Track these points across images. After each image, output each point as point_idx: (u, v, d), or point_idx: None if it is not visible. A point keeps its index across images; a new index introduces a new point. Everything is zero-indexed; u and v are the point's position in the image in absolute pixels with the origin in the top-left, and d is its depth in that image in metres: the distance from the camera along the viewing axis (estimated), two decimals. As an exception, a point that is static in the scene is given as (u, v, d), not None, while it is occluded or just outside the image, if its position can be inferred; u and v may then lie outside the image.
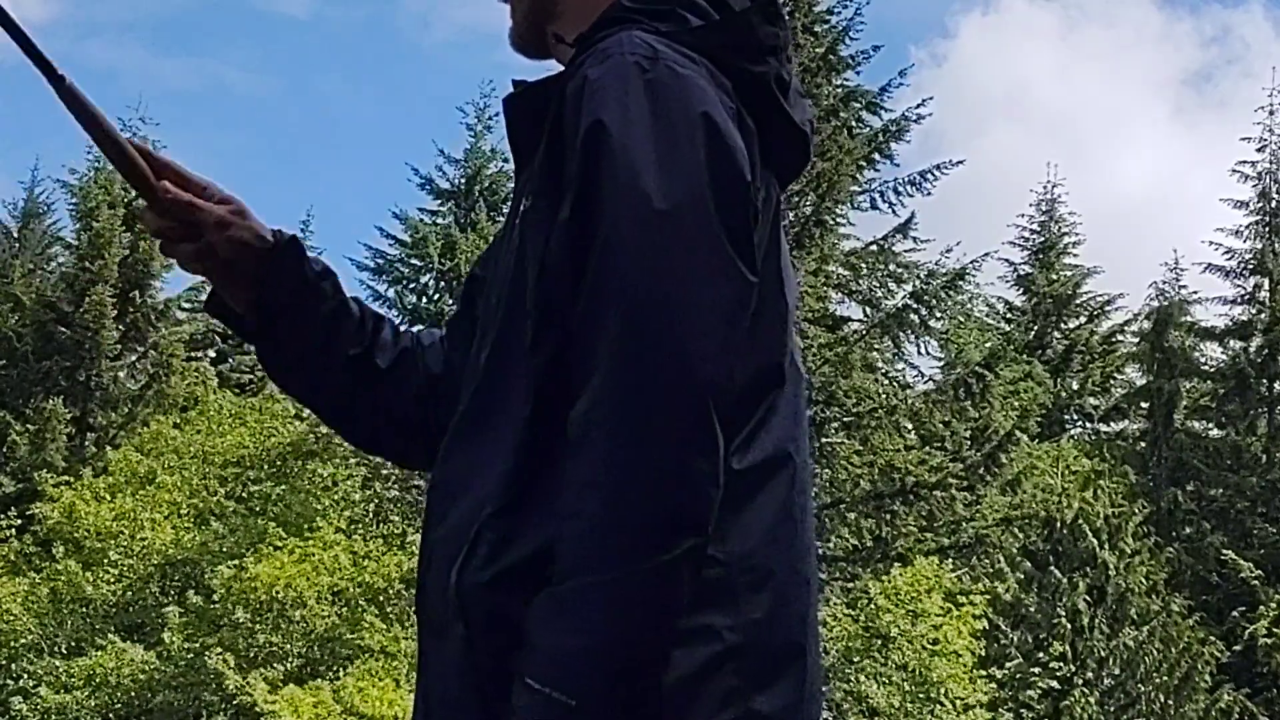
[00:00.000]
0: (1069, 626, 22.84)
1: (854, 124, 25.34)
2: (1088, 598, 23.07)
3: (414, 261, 29.70)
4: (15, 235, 32.39)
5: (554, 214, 1.89)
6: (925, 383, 27.42)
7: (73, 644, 20.57)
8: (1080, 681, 22.51)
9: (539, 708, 1.75)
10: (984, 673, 21.11)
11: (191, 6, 59.66)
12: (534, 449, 1.87)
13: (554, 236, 1.88)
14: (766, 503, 1.94)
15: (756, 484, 1.92)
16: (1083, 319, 37.51)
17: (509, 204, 2.06)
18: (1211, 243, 33.26)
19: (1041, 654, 22.72)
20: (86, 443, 26.09)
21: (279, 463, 22.43)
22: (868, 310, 25.85)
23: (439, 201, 30.62)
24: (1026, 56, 65.27)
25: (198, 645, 19.38)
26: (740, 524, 1.89)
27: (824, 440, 22.92)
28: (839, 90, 25.66)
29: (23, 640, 20.52)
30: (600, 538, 1.76)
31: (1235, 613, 28.16)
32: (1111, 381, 36.89)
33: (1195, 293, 34.34)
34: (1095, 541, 23.41)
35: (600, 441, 1.77)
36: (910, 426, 24.37)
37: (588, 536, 1.76)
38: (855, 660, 20.37)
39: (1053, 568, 23.42)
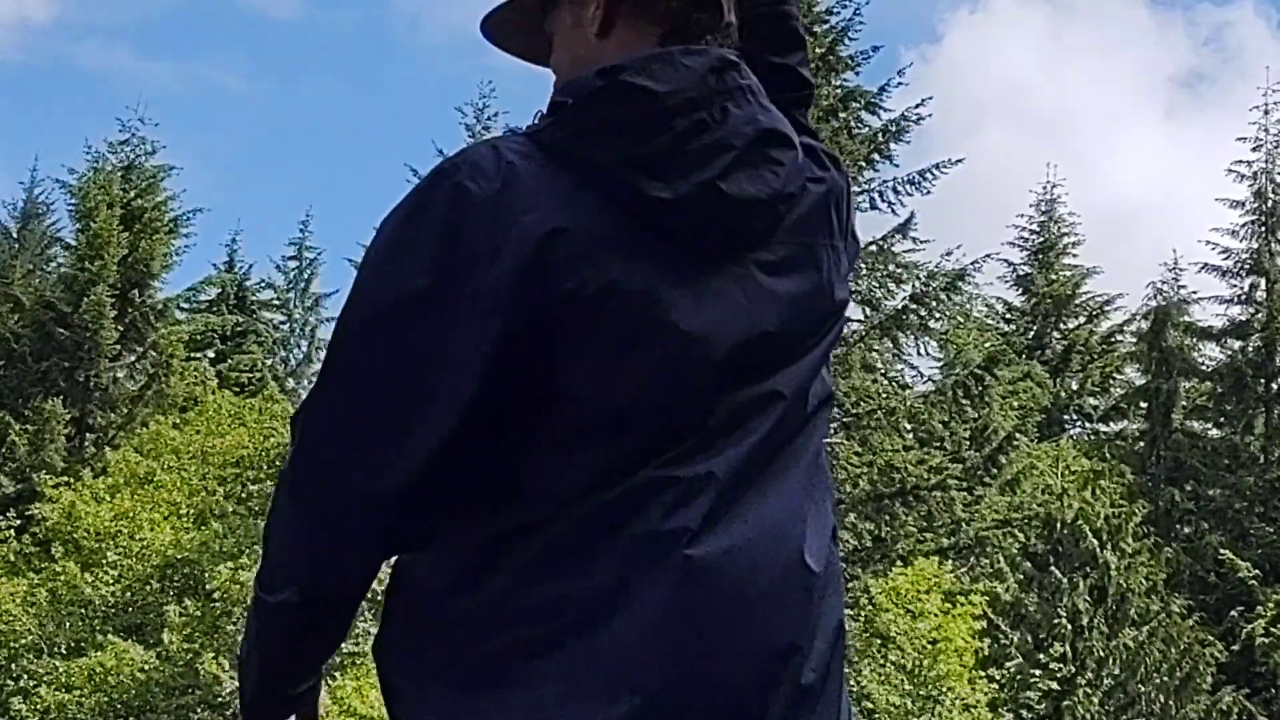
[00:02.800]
0: (1069, 627, 22.84)
1: (853, 124, 25.36)
2: (1088, 598, 23.08)
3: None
4: (14, 236, 32.38)
5: None
6: (924, 383, 27.44)
7: (72, 644, 20.57)
8: (1082, 682, 22.52)
9: None
10: (984, 673, 21.11)
11: (179, 10, 59.70)
12: None
13: None
14: (616, 544, 2.06)
15: (600, 528, 2.06)
16: (1082, 319, 37.54)
17: None
18: (1208, 243, 33.33)
19: (1042, 655, 22.72)
20: (86, 443, 26.07)
21: (278, 463, 22.42)
22: (867, 311, 25.86)
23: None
24: (1017, 57, 65.30)
25: (196, 646, 19.38)
26: (574, 569, 2.05)
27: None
28: (838, 90, 25.67)
29: (22, 640, 20.51)
30: (258, 570, 2.17)
31: (1234, 612, 28.18)
32: (1110, 381, 36.91)
33: (1194, 293, 34.41)
34: (1095, 542, 23.41)
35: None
36: (910, 427, 24.38)
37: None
38: (855, 661, 20.37)
39: (1053, 568, 23.43)
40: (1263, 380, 32.22)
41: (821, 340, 2.26)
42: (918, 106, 25.03)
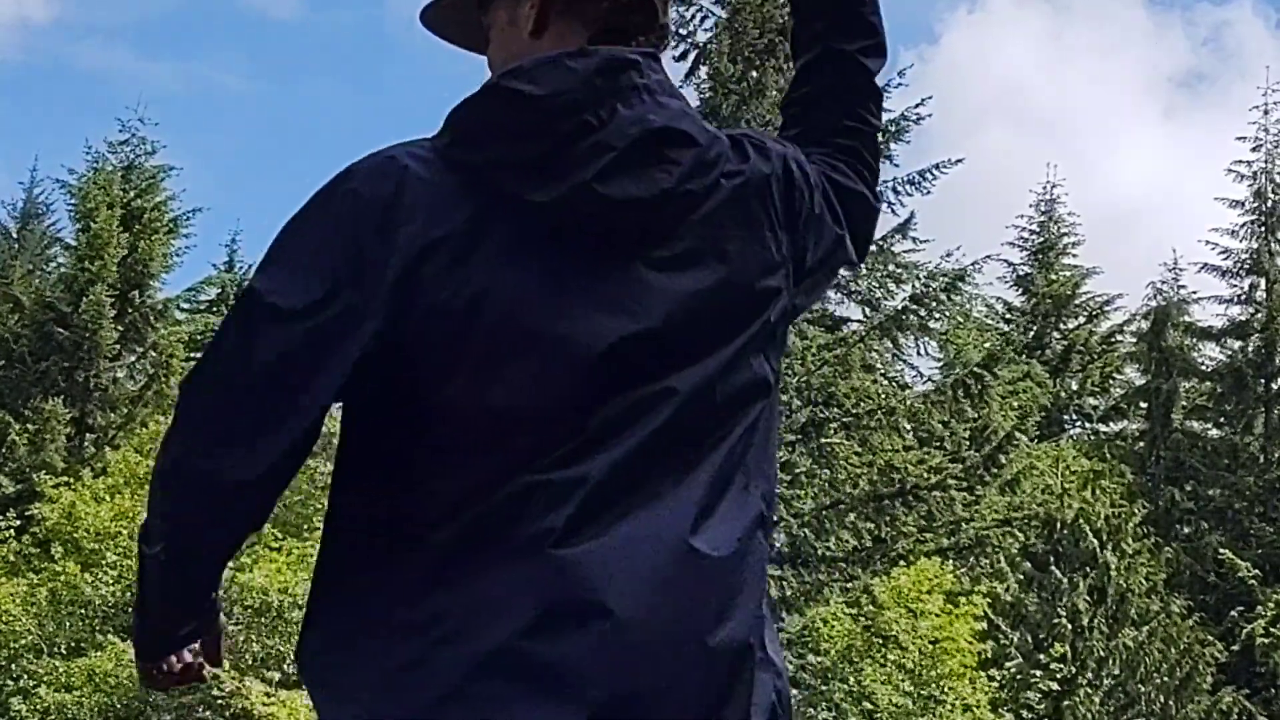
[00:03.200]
0: (1069, 627, 22.84)
1: (853, 124, 25.29)
2: (1088, 598, 23.08)
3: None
4: (14, 236, 32.36)
5: None
6: (924, 383, 27.43)
7: (72, 645, 20.57)
8: (1083, 682, 22.52)
9: None
10: (984, 673, 21.11)
11: (178, 10, 59.71)
12: None
13: None
14: (499, 550, 2.10)
15: (485, 535, 2.11)
16: (1081, 319, 37.49)
17: None
18: (1208, 242, 33.33)
19: (1042, 655, 22.72)
20: (85, 443, 26.07)
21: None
22: (867, 311, 25.85)
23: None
24: (1016, 57, 65.27)
25: (197, 646, 19.36)
26: (462, 576, 2.11)
27: (823, 441, 22.91)
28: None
29: (22, 641, 20.51)
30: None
31: (1233, 613, 28.18)
32: (1110, 382, 36.87)
33: (1194, 293, 34.41)
34: (1095, 542, 23.41)
35: None
36: (909, 427, 24.37)
37: None
38: (855, 661, 20.36)
39: (1053, 568, 23.42)
40: (1262, 380, 32.22)
41: (741, 331, 2.24)
42: (917, 106, 25.03)
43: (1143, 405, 34.15)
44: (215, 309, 33.55)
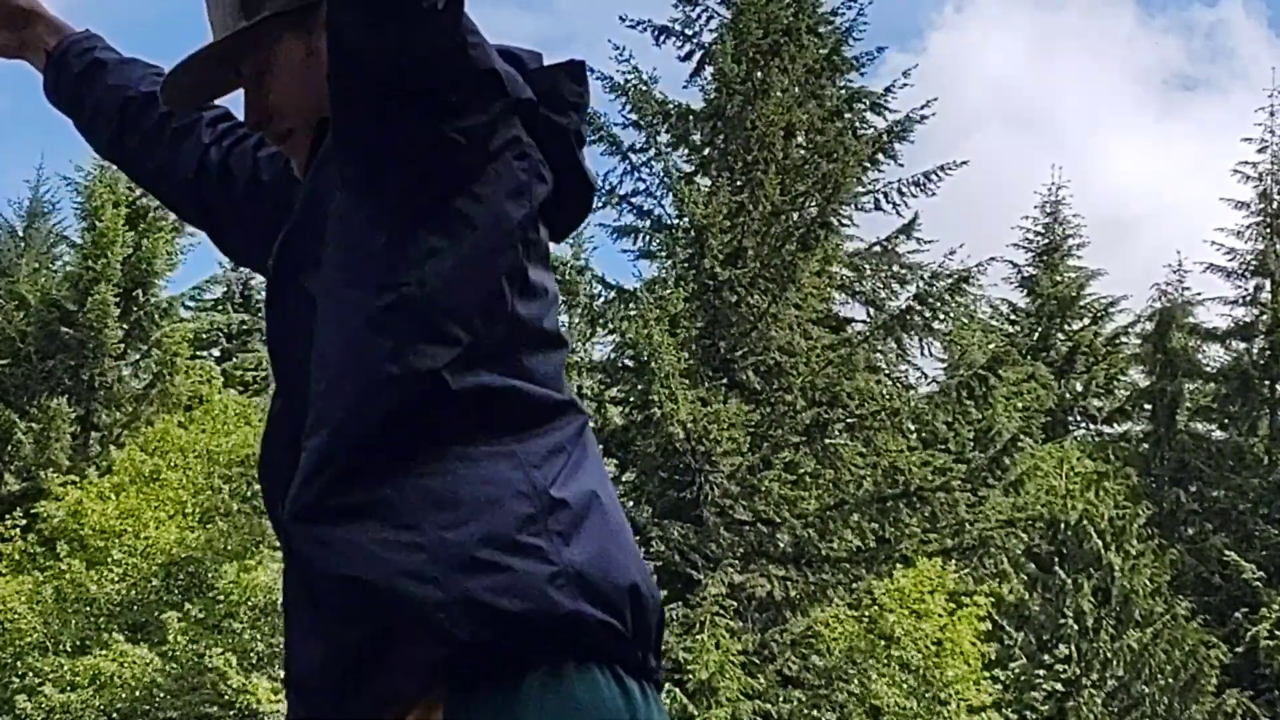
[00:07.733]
0: (1074, 628, 22.84)
1: (858, 125, 25.36)
2: (1092, 599, 23.08)
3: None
4: (20, 234, 32.39)
5: None
6: (929, 384, 27.42)
7: (77, 643, 20.60)
8: (1087, 683, 22.53)
9: None
10: (988, 674, 21.11)
11: (172, 14, 59.79)
12: None
13: None
14: None
15: None
16: (1086, 320, 37.42)
17: None
18: (1213, 243, 33.30)
19: (1046, 656, 22.73)
20: (91, 442, 26.10)
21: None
22: (871, 311, 25.87)
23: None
24: (1009, 58, 65.24)
25: (201, 646, 19.40)
26: None
27: (827, 441, 22.93)
28: (842, 91, 25.69)
29: (27, 639, 20.55)
30: None
31: (1238, 614, 28.17)
32: (1115, 383, 36.81)
33: (1199, 294, 34.37)
34: (1100, 543, 23.41)
35: None
36: (913, 428, 24.39)
37: None
38: (860, 662, 20.37)
39: (1057, 569, 23.42)
40: (1267, 382, 32.21)
41: None
42: (923, 108, 25.04)
43: (1147, 407, 34.12)
44: (220, 307, 33.59)
